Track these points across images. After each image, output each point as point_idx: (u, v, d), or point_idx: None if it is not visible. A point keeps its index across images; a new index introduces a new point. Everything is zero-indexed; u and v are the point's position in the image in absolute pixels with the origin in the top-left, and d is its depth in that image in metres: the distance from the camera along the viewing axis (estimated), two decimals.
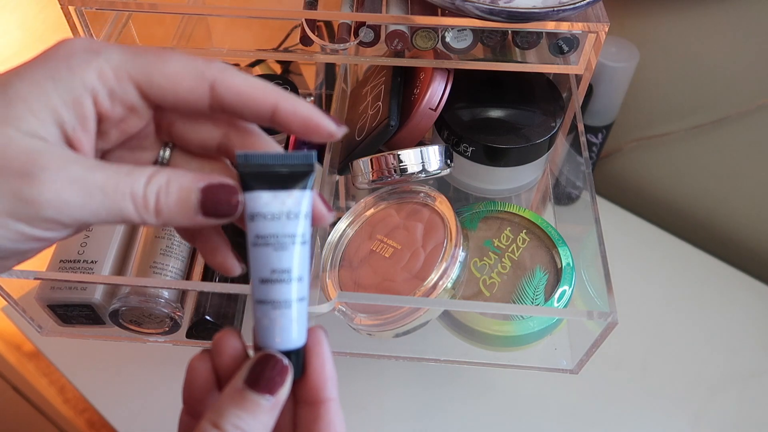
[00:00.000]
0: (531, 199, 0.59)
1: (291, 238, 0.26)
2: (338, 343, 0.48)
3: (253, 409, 0.24)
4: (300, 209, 0.26)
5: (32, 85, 0.23)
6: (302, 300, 0.26)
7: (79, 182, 0.22)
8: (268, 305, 0.26)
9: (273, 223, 0.25)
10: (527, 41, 0.45)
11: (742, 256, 0.74)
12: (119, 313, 0.45)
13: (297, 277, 0.26)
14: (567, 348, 0.48)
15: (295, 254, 0.26)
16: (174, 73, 0.25)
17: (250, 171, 0.25)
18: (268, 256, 0.25)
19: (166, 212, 0.24)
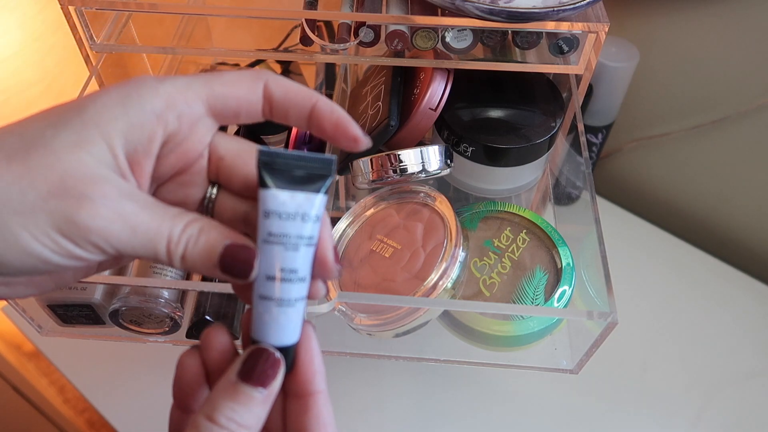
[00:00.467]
0: (531, 199, 0.59)
1: (302, 240, 0.26)
2: (338, 343, 0.48)
3: (246, 401, 0.25)
4: (314, 211, 0.26)
5: (104, 111, 0.25)
6: (302, 300, 0.27)
7: (129, 218, 0.25)
8: (272, 302, 0.26)
9: (287, 222, 0.26)
10: (527, 41, 0.45)
11: (742, 256, 0.74)
12: (119, 313, 0.45)
13: (302, 278, 0.26)
14: (567, 348, 0.48)
15: (303, 255, 0.26)
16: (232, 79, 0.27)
17: (269, 168, 0.26)
18: (279, 254, 0.26)
19: (190, 260, 0.26)
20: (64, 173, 0.24)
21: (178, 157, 0.28)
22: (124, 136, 0.25)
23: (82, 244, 0.24)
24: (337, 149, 0.54)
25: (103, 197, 0.24)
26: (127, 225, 0.24)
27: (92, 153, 0.24)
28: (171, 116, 0.26)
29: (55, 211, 0.23)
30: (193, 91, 0.27)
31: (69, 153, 0.24)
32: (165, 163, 0.27)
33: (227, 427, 0.25)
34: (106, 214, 0.24)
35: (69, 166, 0.24)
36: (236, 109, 0.27)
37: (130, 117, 0.25)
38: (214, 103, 0.27)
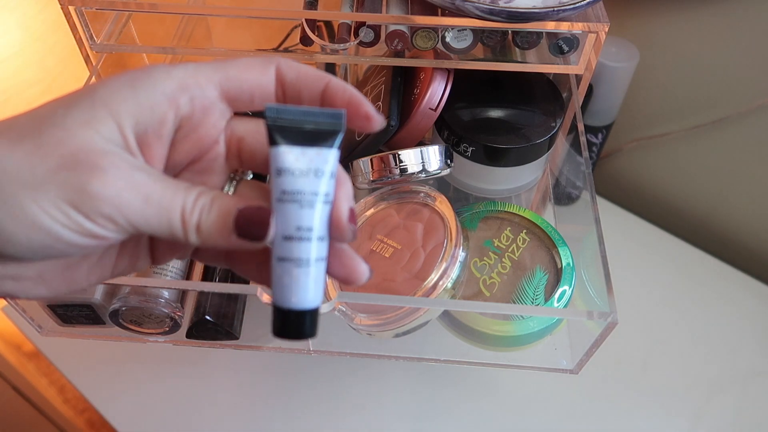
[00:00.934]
0: (531, 199, 0.59)
1: (317, 196, 0.26)
2: (338, 343, 0.48)
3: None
4: (327, 167, 0.26)
5: (114, 92, 0.25)
6: (322, 260, 0.26)
7: (141, 187, 0.24)
8: (291, 263, 0.25)
9: (300, 179, 0.25)
10: (527, 41, 0.45)
11: (742, 256, 0.74)
12: (119, 313, 0.45)
13: (320, 237, 0.26)
14: (567, 348, 0.48)
15: (319, 213, 0.26)
16: (244, 63, 0.27)
17: (278, 125, 0.26)
18: (294, 212, 0.25)
19: (205, 230, 0.25)
20: (75, 147, 0.24)
21: (193, 143, 0.27)
22: (134, 117, 0.25)
23: (93, 216, 0.23)
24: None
25: (115, 167, 0.24)
26: (140, 194, 0.24)
27: (101, 132, 0.24)
28: (183, 99, 0.26)
29: (66, 183, 0.23)
30: (205, 74, 0.27)
31: (80, 129, 0.24)
32: (180, 149, 0.27)
33: None
34: (118, 183, 0.24)
35: (80, 141, 0.24)
36: (250, 92, 0.27)
37: (140, 98, 0.25)
38: (228, 87, 0.27)
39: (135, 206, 0.24)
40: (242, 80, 0.27)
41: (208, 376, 0.59)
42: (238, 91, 0.27)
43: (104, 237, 0.24)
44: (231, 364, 0.60)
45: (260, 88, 0.27)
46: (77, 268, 0.27)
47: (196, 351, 0.60)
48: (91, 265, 0.27)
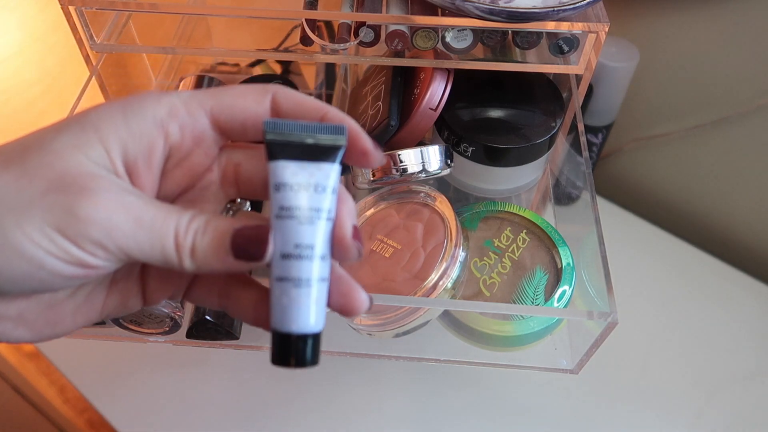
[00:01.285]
0: (531, 199, 0.59)
1: (317, 213, 0.24)
2: (338, 343, 0.48)
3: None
4: (328, 182, 0.25)
5: (104, 117, 0.24)
6: (323, 281, 0.25)
7: (132, 210, 0.23)
8: (290, 283, 0.24)
9: (299, 194, 0.24)
10: (527, 41, 0.45)
11: (742, 256, 0.74)
12: None
13: (320, 255, 0.25)
14: (567, 348, 0.48)
15: (320, 230, 0.24)
16: (240, 91, 0.26)
17: (277, 139, 0.25)
18: (293, 229, 0.24)
19: (201, 253, 0.24)
20: (63, 170, 0.23)
21: (185, 171, 0.26)
22: (123, 143, 0.24)
23: (81, 241, 0.22)
24: None
25: (105, 189, 0.23)
26: (131, 216, 0.23)
27: (90, 156, 0.23)
28: (173, 126, 0.25)
29: (53, 205, 0.22)
30: (197, 101, 0.26)
31: (68, 153, 0.23)
32: (171, 178, 0.26)
33: None
34: (108, 205, 0.22)
35: (68, 164, 0.23)
36: (243, 121, 0.26)
37: (130, 125, 0.24)
38: (219, 114, 0.26)
39: (126, 230, 0.23)
40: (235, 109, 0.26)
41: (208, 376, 0.59)
42: (230, 119, 0.26)
43: (92, 265, 0.23)
44: (231, 364, 0.60)
45: (254, 117, 0.26)
46: (62, 308, 0.26)
47: (196, 351, 0.60)
48: (77, 304, 0.26)
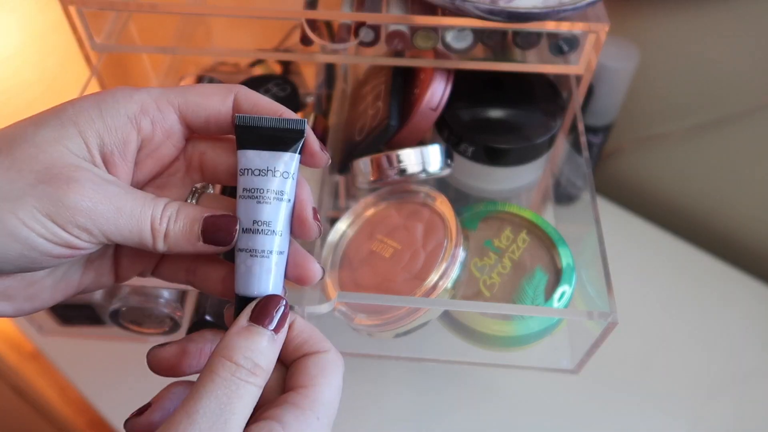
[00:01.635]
0: (531, 199, 0.59)
1: (271, 193, 0.29)
2: (338, 343, 0.47)
3: (259, 341, 0.27)
4: (281, 167, 0.29)
5: (82, 112, 0.27)
6: (280, 254, 0.29)
7: (113, 199, 0.26)
8: (247, 253, 0.29)
9: (258, 178, 0.29)
10: (527, 41, 0.45)
11: (742, 256, 0.74)
12: (119, 313, 0.45)
13: (275, 231, 0.29)
14: (567, 348, 0.48)
15: (275, 209, 0.29)
16: (205, 90, 0.29)
17: (244, 131, 0.29)
18: (252, 207, 0.29)
19: (173, 237, 0.28)
20: (48, 162, 0.25)
21: (155, 161, 0.30)
22: (100, 136, 0.27)
23: (69, 227, 0.25)
24: (337, 149, 0.54)
25: (89, 180, 0.26)
26: (113, 205, 0.26)
27: (70, 148, 0.26)
28: (145, 121, 0.28)
29: (44, 196, 0.25)
30: (166, 98, 0.28)
31: (50, 146, 0.25)
32: (143, 167, 0.29)
33: (245, 366, 0.26)
34: (93, 195, 0.25)
35: (51, 156, 0.25)
36: (206, 117, 0.29)
37: (105, 119, 0.27)
38: (186, 111, 0.29)
39: (109, 217, 0.26)
40: (200, 106, 0.29)
41: None
42: (196, 116, 0.29)
43: (78, 247, 0.26)
44: None
45: (217, 115, 0.29)
46: (42, 285, 0.29)
47: None
48: (55, 281, 0.29)
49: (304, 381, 0.28)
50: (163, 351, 0.30)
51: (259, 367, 0.26)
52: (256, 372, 0.26)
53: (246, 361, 0.26)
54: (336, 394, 0.29)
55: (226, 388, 0.25)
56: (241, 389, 0.25)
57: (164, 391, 0.30)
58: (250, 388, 0.26)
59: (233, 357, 0.26)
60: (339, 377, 0.30)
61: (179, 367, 0.30)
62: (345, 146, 0.54)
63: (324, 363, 0.29)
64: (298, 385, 0.28)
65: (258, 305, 0.28)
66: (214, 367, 0.26)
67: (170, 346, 0.30)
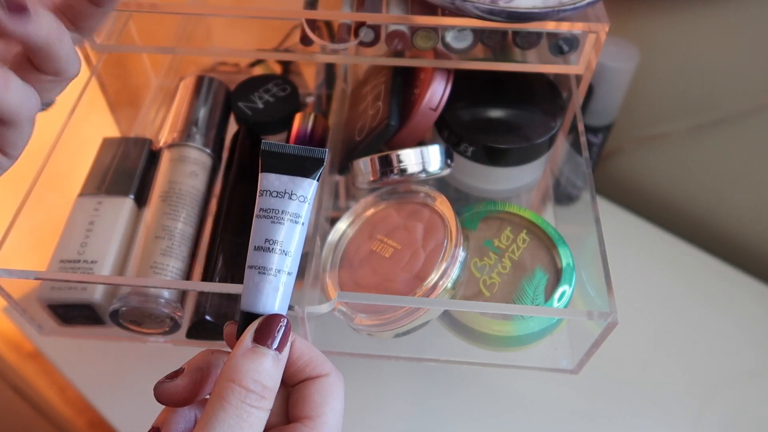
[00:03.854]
0: (531, 199, 0.59)
1: (286, 215, 0.30)
2: (338, 343, 0.48)
3: (264, 362, 0.27)
4: (303, 193, 0.31)
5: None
6: (289, 274, 0.30)
7: None
8: (255, 270, 0.30)
9: (276, 199, 0.30)
10: (527, 41, 0.45)
11: (742, 256, 0.74)
12: (119, 313, 0.45)
13: (284, 251, 0.30)
14: (567, 348, 0.48)
15: (289, 230, 0.30)
16: None
17: (269, 156, 0.31)
18: (266, 227, 0.30)
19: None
20: None
21: None
22: None
23: None
24: (337, 149, 0.54)
25: None
26: None
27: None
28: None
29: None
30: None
31: None
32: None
33: (254, 389, 0.26)
34: None
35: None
36: None
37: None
38: None
39: None
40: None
41: None
42: None
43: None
44: None
45: None
46: None
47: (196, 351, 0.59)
48: None
49: (310, 411, 0.28)
50: (172, 386, 0.29)
51: (267, 389, 0.27)
52: (265, 395, 0.26)
53: (255, 385, 0.26)
54: (340, 418, 0.30)
55: (237, 417, 0.25)
56: (252, 416, 0.26)
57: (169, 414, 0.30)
58: (260, 414, 0.26)
59: (242, 381, 0.26)
60: (341, 400, 0.30)
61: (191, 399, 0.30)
62: (345, 146, 0.54)
63: (327, 389, 0.29)
64: (304, 416, 0.28)
65: (261, 325, 0.28)
66: (223, 393, 0.26)
67: (180, 379, 0.29)
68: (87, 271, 0.46)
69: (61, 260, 0.46)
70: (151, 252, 0.46)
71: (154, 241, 0.47)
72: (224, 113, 0.55)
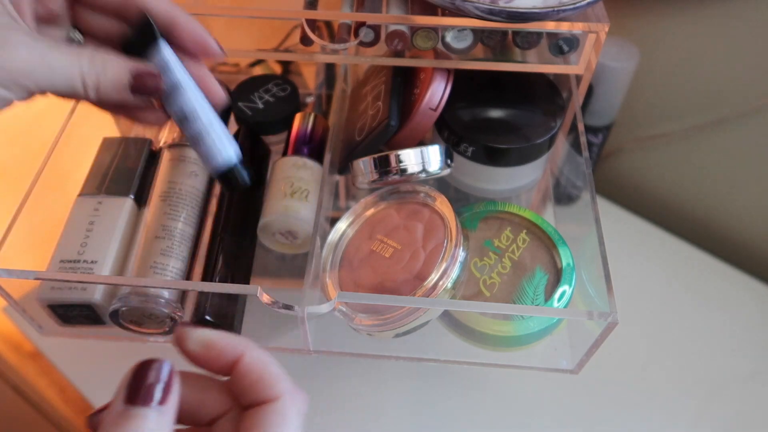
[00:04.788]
0: (531, 199, 0.59)
1: (171, 87, 0.35)
2: (338, 343, 0.48)
3: (144, 425, 0.22)
4: (159, 62, 0.35)
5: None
6: (210, 123, 0.36)
7: (46, 59, 0.29)
8: (193, 141, 0.37)
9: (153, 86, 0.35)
10: (527, 41, 0.45)
11: (742, 256, 0.74)
12: (119, 313, 0.45)
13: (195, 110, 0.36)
14: (567, 348, 0.48)
15: (179, 98, 0.35)
16: None
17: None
18: (169, 105, 0.36)
19: (103, 90, 0.31)
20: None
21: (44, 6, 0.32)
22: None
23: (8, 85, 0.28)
24: (337, 149, 0.54)
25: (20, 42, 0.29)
26: (45, 64, 0.29)
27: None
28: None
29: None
30: None
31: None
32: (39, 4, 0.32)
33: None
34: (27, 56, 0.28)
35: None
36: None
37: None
38: None
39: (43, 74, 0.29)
40: None
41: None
42: None
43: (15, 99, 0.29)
44: None
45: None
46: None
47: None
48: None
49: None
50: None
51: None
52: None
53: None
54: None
55: None
56: None
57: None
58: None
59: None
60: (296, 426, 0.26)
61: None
62: (345, 146, 0.54)
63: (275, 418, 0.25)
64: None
65: (131, 377, 0.23)
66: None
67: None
68: (87, 271, 0.46)
69: (61, 260, 0.46)
70: (152, 252, 0.46)
71: (154, 241, 0.47)
72: (225, 113, 0.56)
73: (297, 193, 0.49)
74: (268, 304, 0.42)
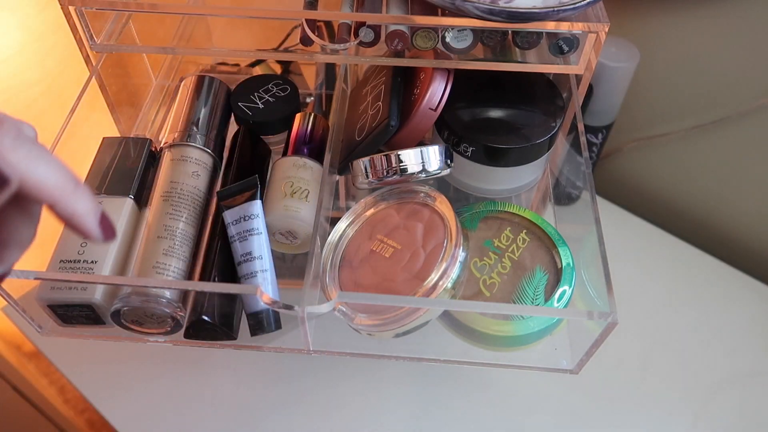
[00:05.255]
0: (531, 199, 0.59)
1: (249, 232, 0.45)
2: (338, 343, 0.48)
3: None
4: (252, 213, 0.44)
5: None
6: (265, 271, 0.43)
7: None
8: (245, 279, 0.43)
9: (235, 226, 0.45)
10: (527, 41, 0.45)
11: (742, 256, 0.74)
12: (121, 313, 0.45)
13: (259, 256, 0.44)
14: (567, 348, 0.48)
15: (254, 242, 0.44)
16: None
17: (222, 199, 0.45)
18: (237, 246, 0.44)
19: None
20: None
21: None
22: None
23: None
24: (337, 149, 0.54)
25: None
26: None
27: None
28: None
29: None
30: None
31: None
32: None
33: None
34: None
35: None
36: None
37: None
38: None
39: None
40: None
41: (208, 376, 0.59)
42: None
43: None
44: (231, 364, 0.60)
45: None
46: None
47: (196, 351, 0.60)
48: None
49: None
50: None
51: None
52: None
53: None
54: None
55: None
56: None
57: None
58: None
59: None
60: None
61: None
62: (345, 146, 0.54)
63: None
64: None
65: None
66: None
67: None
68: (87, 271, 0.46)
69: (61, 260, 0.46)
70: (153, 252, 0.46)
71: (156, 241, 0.47)
72: (225, 113, 0.55)
73: (297, 193, 0.49)
74: (267, 303, 0.42)
